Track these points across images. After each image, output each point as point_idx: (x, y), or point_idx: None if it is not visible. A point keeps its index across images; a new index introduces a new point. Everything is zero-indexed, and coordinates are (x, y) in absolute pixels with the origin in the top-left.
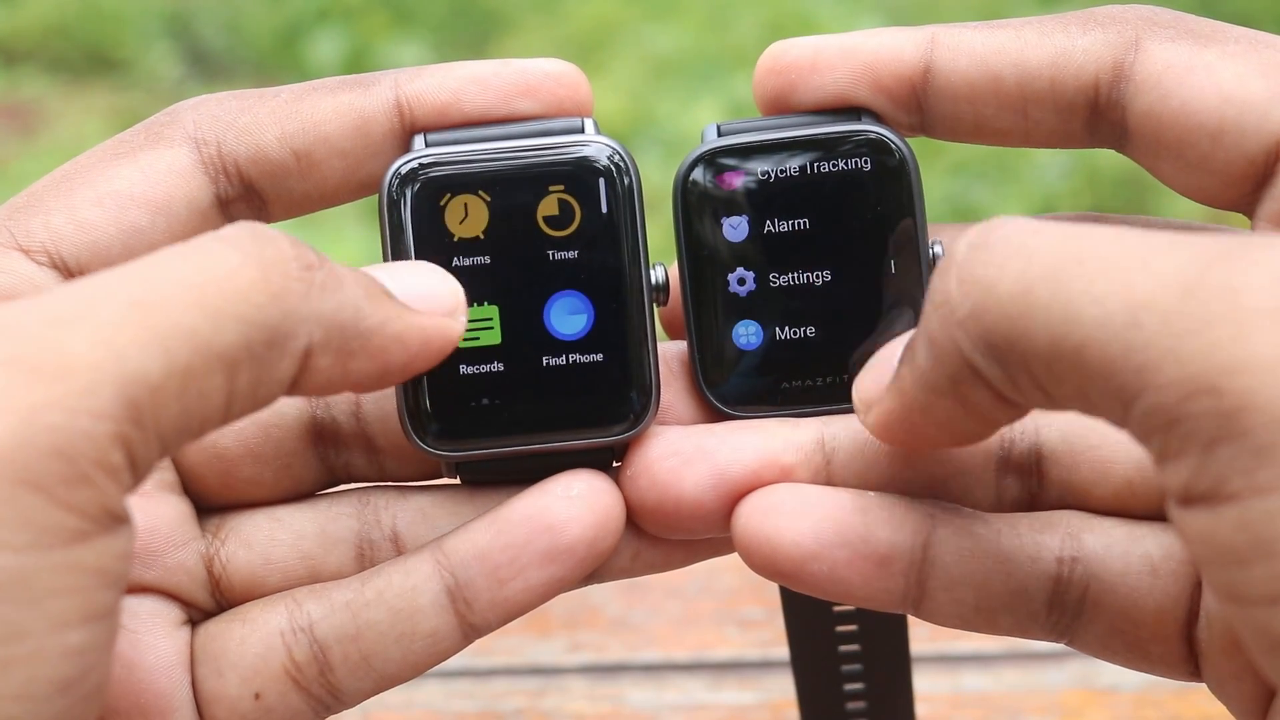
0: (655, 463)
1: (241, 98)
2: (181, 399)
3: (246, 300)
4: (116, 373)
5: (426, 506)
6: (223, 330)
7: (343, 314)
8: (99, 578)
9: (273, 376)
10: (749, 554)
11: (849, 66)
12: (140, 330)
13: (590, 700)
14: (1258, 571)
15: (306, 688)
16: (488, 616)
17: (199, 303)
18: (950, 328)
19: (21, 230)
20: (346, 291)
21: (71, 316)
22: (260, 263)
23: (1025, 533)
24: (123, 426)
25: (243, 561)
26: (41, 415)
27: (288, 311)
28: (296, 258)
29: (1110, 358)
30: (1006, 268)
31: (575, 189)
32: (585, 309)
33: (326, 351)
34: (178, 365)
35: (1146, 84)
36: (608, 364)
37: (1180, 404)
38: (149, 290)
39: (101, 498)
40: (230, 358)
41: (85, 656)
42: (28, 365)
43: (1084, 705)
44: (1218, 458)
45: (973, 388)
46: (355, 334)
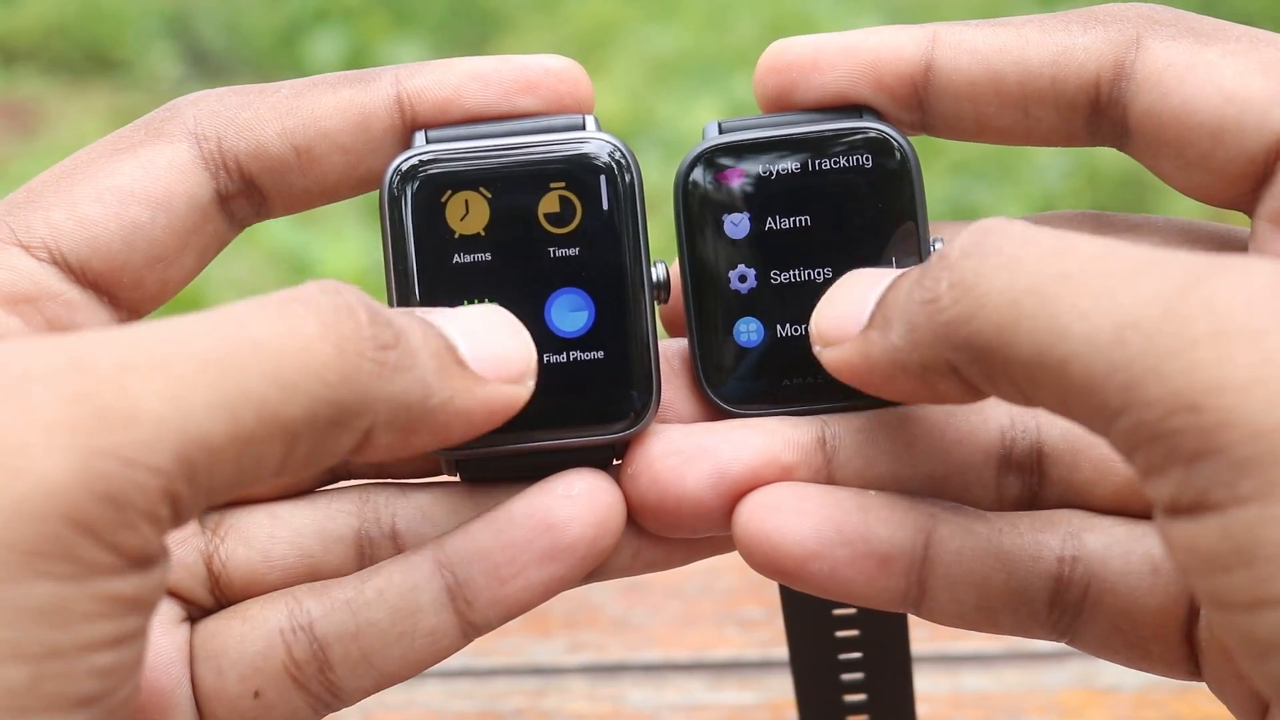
0: (656, 461)
1: (242, 93)
2: (238, 462)
3: (318, 378)
4: (180, 430)
5: (426, 504)
6: (290, 403)
7: (411, 395)
8: (131, 606)
9: (331, 450)
10: (750, 553)
11: (850, 65)
12: (210, 392)
13: (590, 700)
14: (1239, 578)
15: (306, 686)
16: (488, 615)
17: (272, 373)
18: (934, 325)
19: (21, 226)
20: (418, 370)
21: (145, 364)
22: (338, 339)
23: (1026, 532)
24: (175, 483)
25: (242, 559)
26: (100, 461)
27: (358, 393)
28: (374, 337)
29: (1094, 374)
30: (996, 278)
31: (576, 186)
32: (586, 306)
33: (390, 430)
34: (241, 431)
35: (1147, 82)
36: (608, 362)
37: (1163, 420)
38: (224, 350)
39: (142, 543)
40: (293, 430)
41: (112, 675)
42: (95, 406)
43: (1084, 705)
44: (1200, 471)
45: (943, 378)
46: (421, 413)
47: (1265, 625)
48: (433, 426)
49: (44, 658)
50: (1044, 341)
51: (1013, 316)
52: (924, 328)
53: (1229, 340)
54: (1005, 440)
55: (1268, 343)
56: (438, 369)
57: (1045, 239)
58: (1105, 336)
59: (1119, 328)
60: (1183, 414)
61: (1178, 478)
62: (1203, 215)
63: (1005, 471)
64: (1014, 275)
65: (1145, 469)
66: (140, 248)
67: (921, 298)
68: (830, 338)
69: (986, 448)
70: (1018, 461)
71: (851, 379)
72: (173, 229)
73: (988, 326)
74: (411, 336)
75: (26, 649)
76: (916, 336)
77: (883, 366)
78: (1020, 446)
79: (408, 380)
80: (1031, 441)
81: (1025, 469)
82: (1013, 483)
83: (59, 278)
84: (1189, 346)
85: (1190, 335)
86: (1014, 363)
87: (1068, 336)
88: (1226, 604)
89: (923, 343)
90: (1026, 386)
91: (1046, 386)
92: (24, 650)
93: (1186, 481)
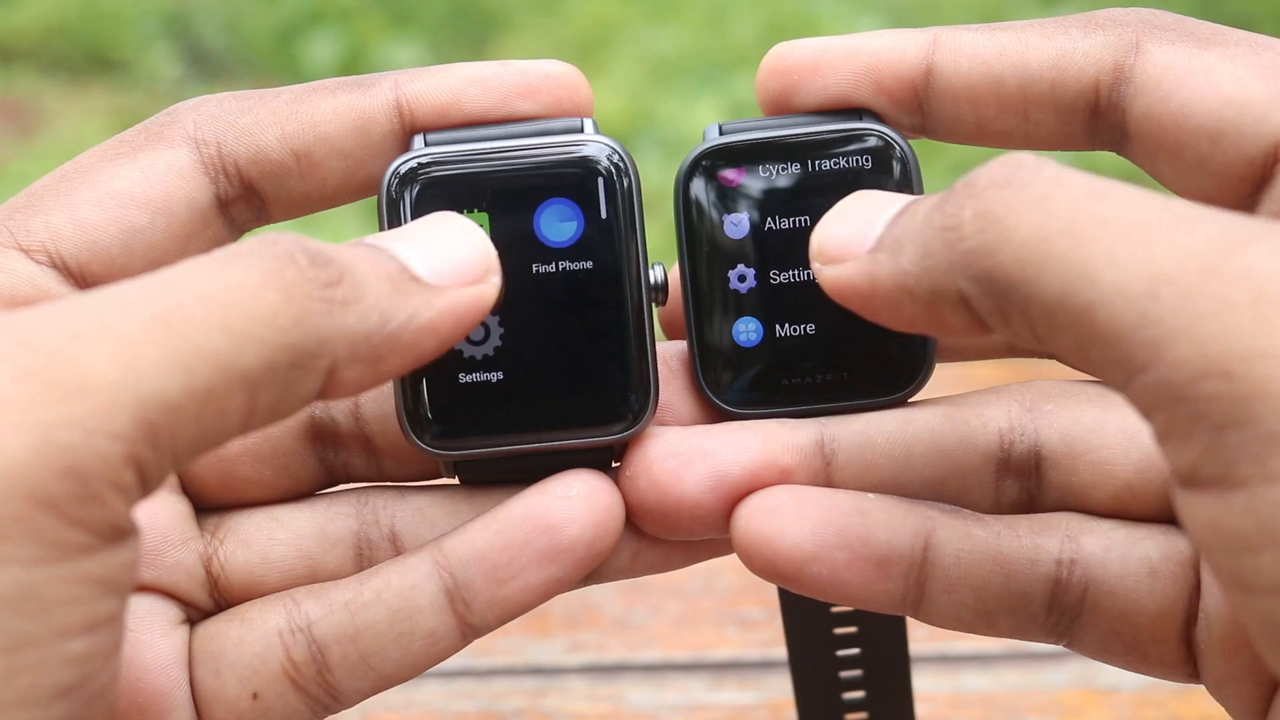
0: (654, 463)
1: (241, 98)
2: (200, 419)
3: (269, 324)
4: (135, 393)
5: (425, 506)
6: (245, 352)
7: (367, 324)
8: (104, 588)
9: (296, 394)
10: (748, 556)
11: (851, 68)
12: (161, 350)
13: (590, 700)
14: (1265, 559)
15: (304, 688)
16: (486, 617)
17: (222, 324)
18: (953, 253)
19: (21, 230)
20: (369, 299)
21: (92, 331)
22: (281, 284)
23: (1024, 535)
24: (138, 447)
25: (241, 561)
26: (57, 433)
27: (310, 334)
28: (316, 277)
29: (1122, 325)
30: (1026, 213)
31: (574, 189)
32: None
33: (354, 364)
34: (198, 386)
35: (1146, 86)
36: (607, 364)
37: (1191, 383)
38: (171, 308)
39: (110, 515)
40: (252, 379)
41: (88, 663)
42: (46, 380)
43: (1084, 705)
44: (1227, 442)
45: (951, 308)
46: (382, 340)
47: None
48: (399, 349)
49: (15, 648)
50: (1071, 284)
51: (1040, 254)
52: (940, 254)
53: (1271, 308)
54: (1003, 444)
55: None
56: (391, 291)
57: (1079, 180)
58: (1138, 288)
59: (1153, 281)
60: (1214, 379)
61: (1201, 446)
62: None
63: (1003, 475)
64: (1046, 213)
65: (1165, 431)
66: (139, 252)
67: (941, 224)
68: (832, 254)
69: (985, 451)
70: (1016, 465)
71: (851, 300)
72: (172, 233)
73: (1012, 261)
74: (357, 268)
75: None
76: (930, 262)
77: (887, 289)
78: (1018, 450)
79: (360, 311)
80: (1030, 445)
81: (1023, 472)
82: (1011, 486)
83: (58, 281)
84: (1227, 310)
85: (1230, 298)
86: (1035, 301)
87: (1097, 282)
88: (1250, 586)
89: (936, 269)
90: (1043, 328)
91: (1066, 330)
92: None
93: (1211, 451)
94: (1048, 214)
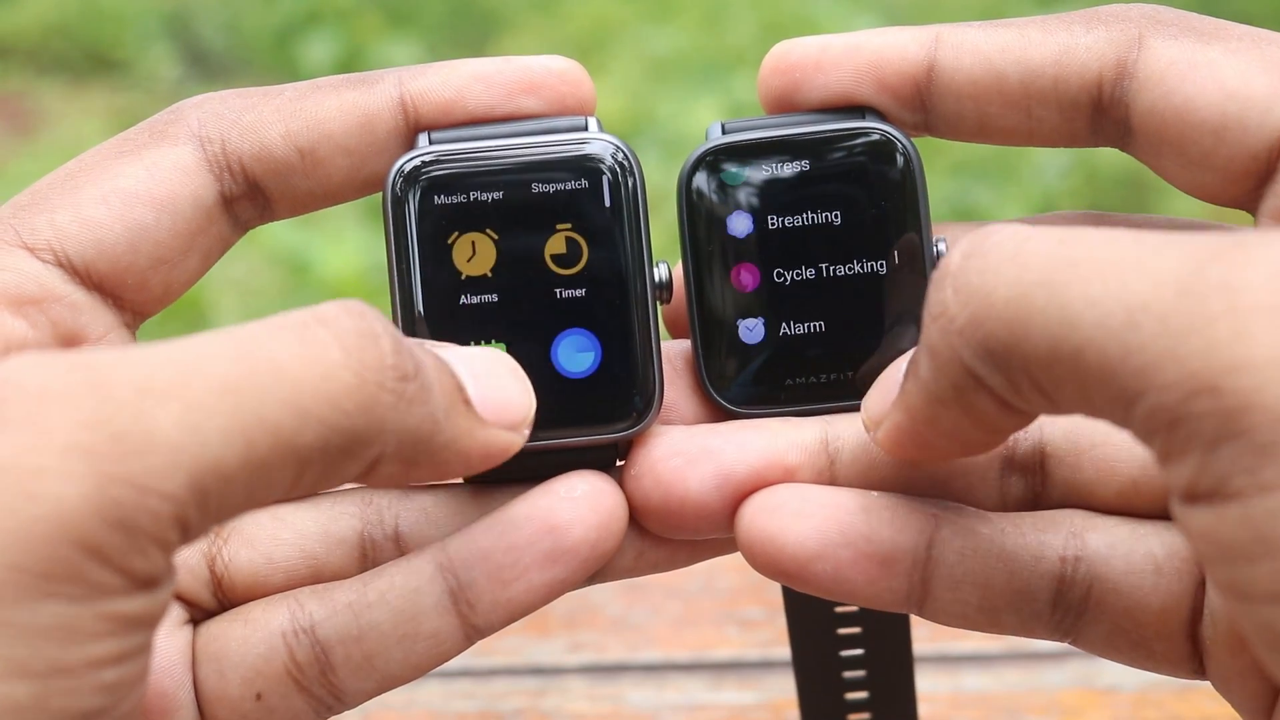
0: (659, 462)
1: (245, 96)
2: (248, 487)
3: (337, 407)
4: (195, 458)
5: (429, 506)
6: (305, 431)
7: (422, 429)
8: (137, 625)
9: (337, 476)
10: (752, 554)
11: (853, 65)
12: (227, 418)
13: (590, 700)
14: (1262, 569)
15: (308, 688)
16: (490, 618)
17: (290, 400)
18: (949, 337)
19: (26, 228)
20: (431, 405)
21: (163, 389)
22: (359, 367)
23: (1029, 532)
24: (187, 510)
25: (245, 561)
26: (114, 489)
27: (373, 423)
28: (395, 367)
29: (1109, 360)
30: (1001, 274)
31: (579, 187)
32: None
33: (396, 461)
34: (255, 458)
35: (1149, 81)
36: (611, 362)
37: (1182, 404)
38: (243, 375)
39: (151, 566)
40: (305, 457)
41: (117, 691)
42: (112, 432)
43: (1084, 705)
44: (1221, 456)
45: (976, 396)
46: (427, 449)
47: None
48: (435, 463)
49: (50, 674)
50: (1057, 333)
51: (1023, 311)
52: (941, 346)
53: (1247, 317)
54: (1008, 441)
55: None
56: (448, 407)
57: (1048, 233)
58: (1117, 320)
59: (1130, 310)
60: (1202, 396)
61: (1196, 463)
62: (1205, 215)
63: (1008, 472)
64: (1020, 269)
65: (1163, 454)
66: (145, 250)
67: (931, 315)
68: (877, 415)
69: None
70: (1021, 462)
71: (908, 449)
72: (177, 231)
73: (1000, 326)
74: (428, 370)
75: (33, 666)
76: (938, 359)
77: (923, 412)
78: (1023, 447)
79: (421, 414)
80: (1034, 442)
81: (1028, 469)
82: (1016, 483)
83: (64, 280)
84: (1205, 325)
85: (1206, 314)
86: (1031, 360)
87: (1079, 325)
88: (1247, 595)
89: (945, 362)
90: (1048, 385)
91: (1066, 381)
92: (31, 667)
93: (1206, 467)
94: (1022, 269)
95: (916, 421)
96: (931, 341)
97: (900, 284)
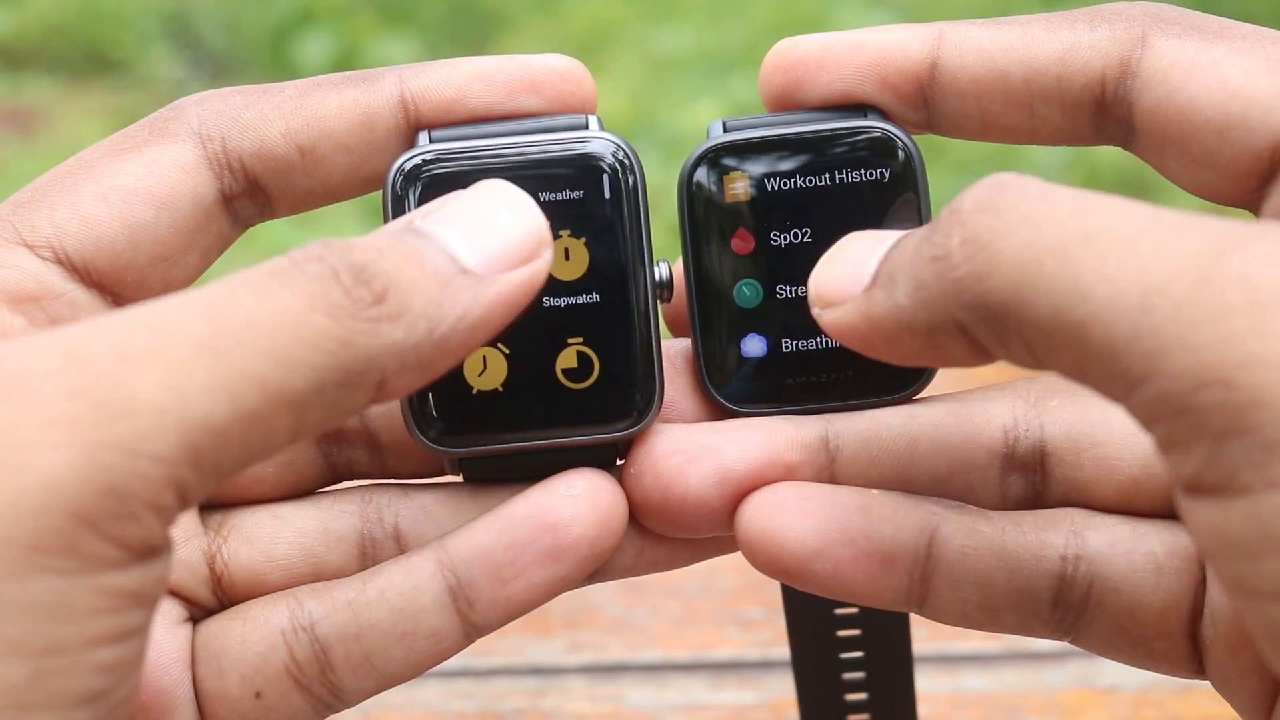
0: (659, 461)
1: (246, 93)
2: (245, 440)
3: (316, 348)
4: (181, 417)
5: (429, 504)
6: (293, 376)
7: (415, 334)
8: (134, 600)
9: (345, 408)
10: (752, 552)
11: (856, 63)
12: (208, 375)
13: (590, 700)
14: (1268, 565)
15: (307, 687)
16: (490, 616)
17: (269, 349)
18: (945, 282)
19: (26, 225)
20: (417, 308)
21: (140, 353)
22: (327, 307)
23: (1029, 530)
24: (180, 470)
25: (245, 559)
26: (101, 454)
27: (358, 353)
28: (361, 298)
29: (1116, 339)
30: (1013, 235)
31: (579, 186)
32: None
33: (404, 373)
34: (244, 410)
35: (1153, 80)
36: (612, 361)
37: (1190, 394)
38: (218, 331)
39: (146, 533)
40: (300, 400)
41: (114, 672)
42: (93, 400)
43: (1084, 705)
44: (1228, 450)
45: (950, 338)
46: (432, 346)
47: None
48: (450, 350)
49: (46, 653)
50: (1064, 303)
51: (1031, 275)
52: (932, 285)
53: (1266, 315)
54: (1008, 439)
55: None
56: (438, 293)
57: (1064, 196)
58: (1131, 301)
59: (1146, 292)
60: (1213, 388)
61: (1203, 455)
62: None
63: (1009, 470)
64: (1033, 232)
65: (1167, 442)
66: (144, 247)
67: (930, 254)
68: (830, 298)
69: (990, 447)
70: (1021, 460)
71: (853, 341)
72: (177, 229)
73: (1003, 285)
74: (402, 276)
75: (28, 645)
76: (924, 295)
77: (886, 327)
78: (1023, 445)
79: (407, 323)
80: (1035, 440)
81: (1029, 468)
82: (1016, 482)
83: (63, 277)
84: (1223, 317)
85: (1224, 305)
86: (1030, 324)
87: (1090, 298)
88: (1252, 591)
89: (931, 301)
90: (1041, 349)
91: (1063, 349)
92: (26, 646)
93: (1213, 460)
94: (1035, 233)
95: (875, 330)
96: (923, 277)
97: None
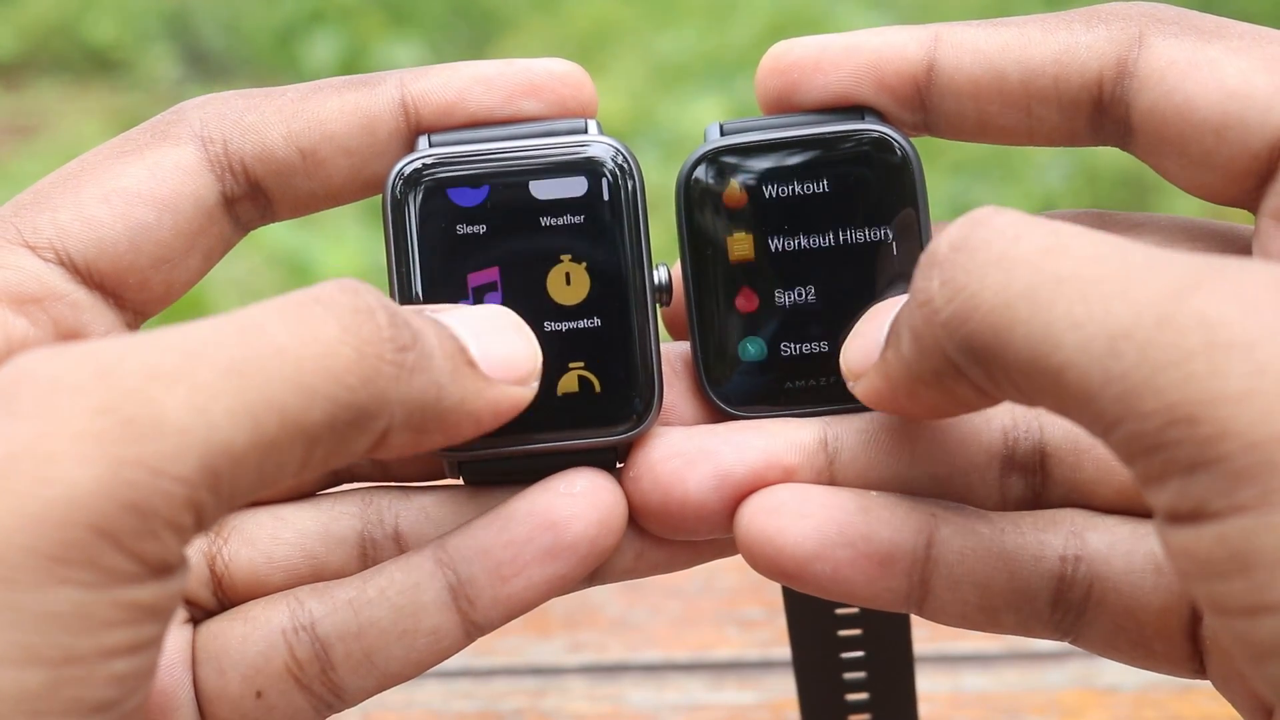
0: (658, 464)
1: (247, 96)
2: (259, 468)
3: (339, 382)
4: (204, 440)
5: (429, 506)
6: (312, 408)
7: (426, 396)
8: (150, 614)
9: (348, 450)
10: (752, 555)
11: (852, 65)
12: (234, 400)
13: (590, 700)
14: (1237, 585)
15: (308, 686)
16: (490, 614)
17: (294, 378)
18: (934, 326)
19: (28, 227)
20: (434, 371)
21: (170, 373)
22: (357, 341)
23: (1029, 531)
24: (199, 492)
25: (245, 560)
26: (126, 471)
27: (376, 395)
28: (392, 339)
29: (1090, 383)
30: (987, 278)
31: (579, 190)
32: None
33: (405, 430)
34: (264, 438)
35: (1150, 80)
36: (611, 364)
37: (1160, 431)
38: (248, 357)
39: (164, 551)
40: (314, 434)
41: (128, 682)
42: (122, 417)
43: (1084, 705)
44: (1198, 481)
45: (955, 382)
46: (435, 414)
47: (1264, 630)
48: (444, 426)
49: (63, 663)
50: (1039, 349)
51: (1007, 320)
52: (924, 331)
53: (1223, 352)
54: (1008, 440)
55: (1260, 354)
56: (451, 370)
57: (1036, 234)
58: (1099, 346)
59: (1113, 338)
60: (1179, 426)
61: (1176, 487)
62: (1205, 214)
63: (1008, 471)
64: (1006, 275)
65: (1144, 477)
66: (146, 249)
67: (917, 300)
68: (856, 369)
69: (989, 448)
70: (1020, 461)
71: (881, 405)
72: (179, 231)
73: (983, 328)
74: (427, 337)
75: (46, 653)
76: (921, 343)
77: (903, 383)
78: (1023, 446)
79: (424, 381)
80: (1034, 441)
81: (1028, 469)
82: (1016, 483)
83: (65, 278)
84: (1184, 359)
85: (1185, 347)
86: (1012, 366)
87: (1062, 345)
88: (1226, 610)
89: (927, 348)
90: (1026, 389)
91: (1045, 391)
92: (43, 655)
93: (1184, 491)
94: (1007, 276)
95: (896, 389)
96: (915, 326)
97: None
